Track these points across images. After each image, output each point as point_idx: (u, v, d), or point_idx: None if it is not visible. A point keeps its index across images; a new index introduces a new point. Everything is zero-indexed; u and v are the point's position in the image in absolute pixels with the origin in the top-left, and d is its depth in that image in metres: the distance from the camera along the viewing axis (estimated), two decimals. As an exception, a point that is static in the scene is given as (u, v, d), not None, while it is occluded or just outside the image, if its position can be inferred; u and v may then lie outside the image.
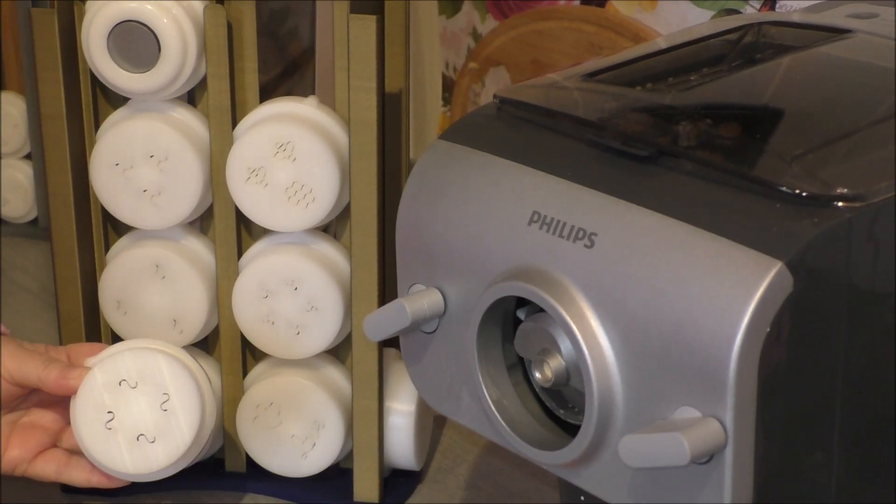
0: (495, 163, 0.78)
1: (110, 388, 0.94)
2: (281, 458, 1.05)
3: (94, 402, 0.94)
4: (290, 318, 1.02)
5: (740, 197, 0.69)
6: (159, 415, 0.94)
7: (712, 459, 0.67)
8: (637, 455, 0.68)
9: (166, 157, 1.00)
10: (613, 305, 0.71)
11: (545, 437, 0.77)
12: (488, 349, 0.77)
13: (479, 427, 0.80)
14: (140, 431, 0.94)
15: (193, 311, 1.03)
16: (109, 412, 0.94)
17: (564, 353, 0.73)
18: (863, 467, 0.72)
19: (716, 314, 0.66)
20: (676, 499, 0.69)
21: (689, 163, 0.72)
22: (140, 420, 0.94)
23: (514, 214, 0.75)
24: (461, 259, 0.78)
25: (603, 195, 0.72)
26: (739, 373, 0.66)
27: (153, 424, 0.94)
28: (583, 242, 0.72)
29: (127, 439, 0.94)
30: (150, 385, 0.94)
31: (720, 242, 0.67)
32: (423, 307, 0.79)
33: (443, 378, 0.81)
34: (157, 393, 0.94)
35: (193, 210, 1.02)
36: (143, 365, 0.95)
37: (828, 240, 0.67)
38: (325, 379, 1.05)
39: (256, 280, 1.02)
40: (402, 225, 0.81)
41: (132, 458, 0.94)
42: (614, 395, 0.71)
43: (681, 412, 0.68)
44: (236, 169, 0.99)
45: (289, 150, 0.98)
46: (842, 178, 0.69)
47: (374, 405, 1.03)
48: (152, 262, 1.03)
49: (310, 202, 0.99)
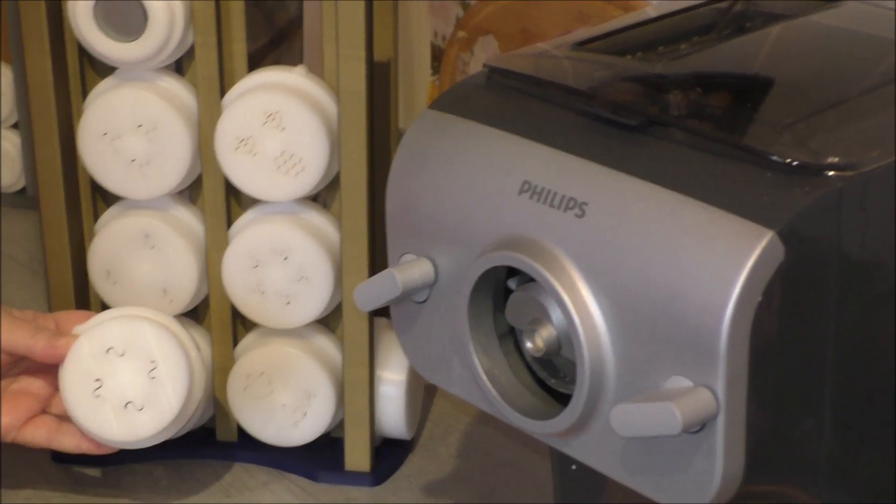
0: (485, 132, 0.77)
1: (98, 356, 0.94)
2: (272, 428, 1.05)
3: (81, 370, 0.94)
4: (280, 287, 1.02)
5: (731, 166, 0.69)
6: (147, 382, 0.94)
7: (704, 428, 0.68)
8: (629, 424, 0.68)
9: (154, 127, 1.00)
10: (604, 275, 0.71)
11: (536, 406, 0.77)
12: (479, 319, 0.77)
13: (471, 396, 0.80)
14: (128, 399, 0.94)
15: (183, 280, 1.03)
16: (97, 380, 0.94)
17: (555, 322, 0.73)
18: (854, 436, 0.72)
19: (707, 283, 0.66)
20: (668, 467, 0.70)
21: (680, 132, 0.72)
22: (127, 388, 0.94)
23: (504, 184, 0.75)
24: (451, 229, 0.78)
25: (593, 164, 0.72)
26: (731, 342, 0.66)
27: (141, 392, 0.94)
28: (573, 212, 0.72)
29: (114, 407, 0.94)
30: (137, 353, 0.94)
31: (711, 211, 0.67)
32: (413, 277, 0.79)
33: (434, 348, 0.81)
34: (145, 361, 0.94)
35: (182, 180, 1.02)
36: (130, 333, 0.95)
37: (819, 209, 0.67)
38: (316, 348, 1.05)
39: (246, 250, 1.01)
40: (392, 194, 0.81)
41: (120, 426, 0.94)
42: (605, 364, 0.71)
43: (672, 381, 0.68)
44: (225, 139, 0.99)
45: (278, 120, 0.98)
46: (833, 147, 0.69)
47: (364, 374, 1.03)
48: (141, 232, 1.03)
49: (299, 172, 0.99)
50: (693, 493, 0.69)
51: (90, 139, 1.01)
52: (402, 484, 1.06)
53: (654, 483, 0.71)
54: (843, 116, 0.72)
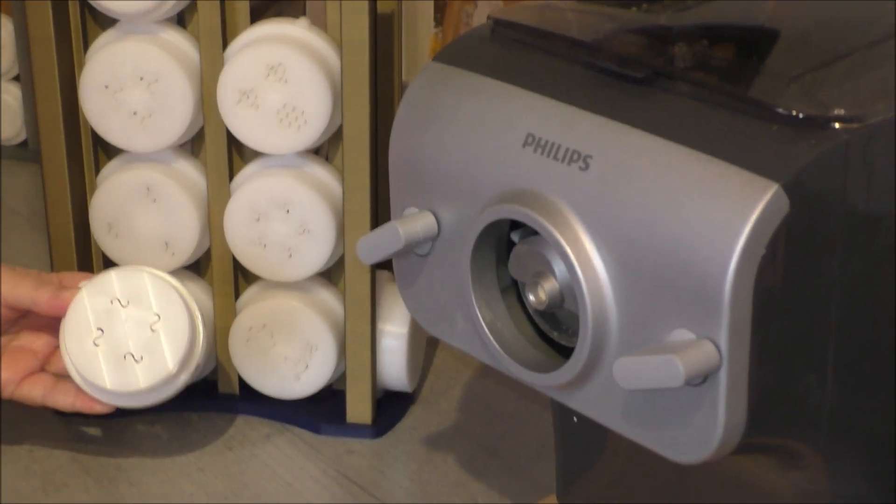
0: (489, 85, 0.77)
1: (100, 306, 0.94)
2: (274, 380, 1.06)
3: (83, 320, 0.94)
4: (282, 240, 1.01)
5: (737, 119, 0.69)
6: (148, 335, 0.94)
7: (706, 381, 0.68)
8: (631, 377, 0.68)
9: (156, 80, 1.00)
10: (608, 228, 0.71)
11: (538, 359, 0.77)
12: (482, 272, 0.77)
13: (473, 349, 0.80)
14: (127, 350, 0.94)
15: (185, 233, 1.03)
16: (98, 329, 0.94)
17: (558, 275, 0.73)
18: (856, 389, 0.72)
19: (711, 236, 0.66)
20: (670, 420, 0.70)
21: (685, 84, 0.72)
22: (127, 339, 0.94)
23: (508, 137, 0.75)
24: (455, 182, 0.78)
25: (598, 117, 0.72)
26: (734, 295, 0.66)
27: (142, 344, 0.94)
28: (577, 165, 0.72)
29: (113, 357, 0.94)
30: (140, 305, 0.95)
31: (716, 164, 0.67)
32: (416, 230, 0.79)
33: (436, 301, 0.81)
34: (148, 313, 0.94)
35: (184, 133, 1.01)
36: (133, 286, 0.95)
37: (825, 162, 0.66)
38: (318, 301, 1.05)
39: (248, 203, 1.01)
40: (395, 147, 0.81)
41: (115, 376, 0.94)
42: (608, 317, 0.71)
43: (675, 334, 0.68)
44: (227, 91, 0.99)
45: (280, 73, 0.97)
46: (839, 100, 0.69)
47: (366, 327, 1.03)
48: (143, 185, 1.03)
49: (301, 124, 0.98)
50: (695, 446, 0.69)
51: (91, 92, 1.01)
52: (404, 436, 1.07)
53: (655, 435, 0.71)
54: (850, 69, 0.72)
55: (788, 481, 0.77)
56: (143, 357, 0.94)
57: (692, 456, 0.70)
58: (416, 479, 1.02)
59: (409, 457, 1.04)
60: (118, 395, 0.95)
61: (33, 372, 0.98)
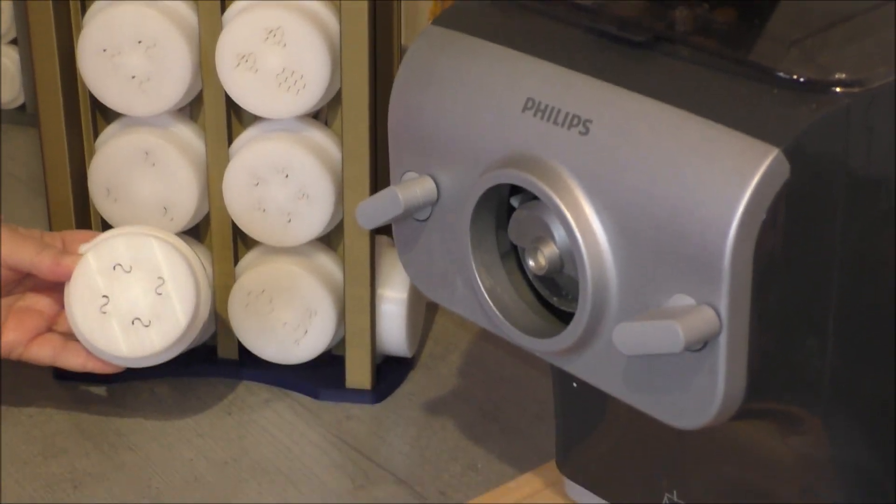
0: (489, 49, 0.77)
1: (105, 272, 0.94)
2: (273, 345, 1.06)
3: (88, 287, 0.94)
4: (281, 205, 1.01)
5: (737, 83, 0.68)
6: (154, 298, 0.94)
7: (706, 346, 0.68)
8: (631, 342, 0.68)
9: (154, 44, 0.99)
10: (608, 192, 0.70)
11: (539, 324, 0.77)
12: (482, 237, 0.77)
13: (472, 315, 0.80)
14: (135, 315, 0.94)
15: (184, 198, 1.03)
16: (104, 296, 0.94)
17: (558, 240, 0.73)
18: (857, 353, 0.72)
19: (711, 201, 0.66)
20: (670, 385, 0.70)
21: (686, 48, 0.71)
22: (135, 304, 0.94)
23: (507, 101, 0.74)
24: (454, 146, 0.77)
25: (598, 81, 0.72)
26: (734, 260, 0.66)
27: (148, 308, 0.94)
28: (577, 129, 0.71)
29: (122, 323, 0.94)
30: (144, 269, 0.94)
31: (716, 129, 0.67)
32: (415, 195, 0.79)
33: (436, 266, 0.81)
34: (152, 277, 0.94)
35: (183, 97, 1.01)
36: (137, 249, 0.95)
37: (825, 126, 0.66)
38: (317, 266, 1.04)
39: (247, 167, 1.01)
40: (395, 112, 0.81)
41: (127, 342, 0.94)
42: (608, 282, 0.71)
43: (675, 300, 0.68)
44: (226, 55, 0.98)
45: (279, 36, 0.97)
46: (840, 63, 0.68)
47: (366, 292, 1.03)
48: (142, 150, 1.02)
49: (300, 88, 0.98)
50: (694, 411, 0.69)
51: (90, 55, 1.00)
52: (403, 401, 1.07)
53: (655, 401, 0.71)
54: (851, 33, 0.72)
55: (788, 447, 0.77)
56: (151, 321, 0.94)
57: (692, 421, 0.70)
58: (415, 445, 1.02)
59: (408, 422, 1.05)
60: (128, 358, 0.95)
61: (41, 332, 0.98)
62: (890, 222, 0.70)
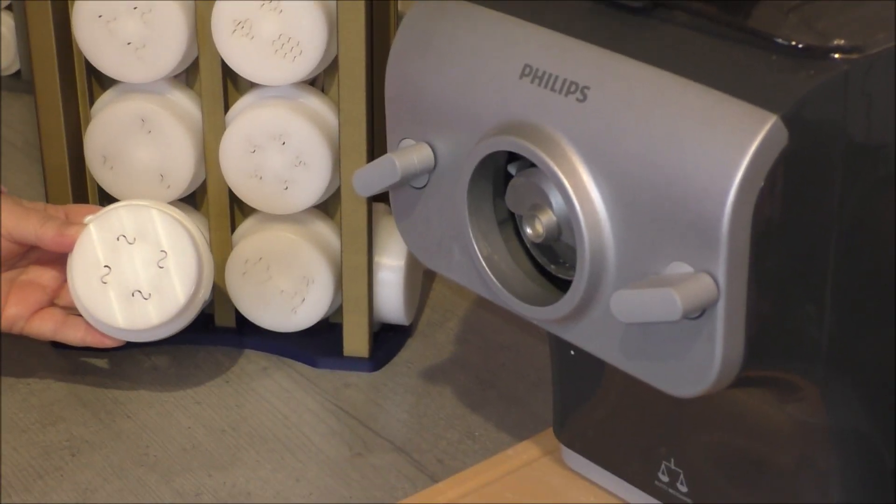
0: (486, 15, 0.76)
1: (108, 242, 0.94)
2: (270, 313, 1.05)
3: (90, 257, 0.94)
4: (277, 172, 1.01)
5: (735, 49, 0.68)
6: (156, 272, 0.94)
7: (704, 314, 0.67)
8: (629, 310, 0.68)
9: (150, 9, 0.99)
10: (606, 160, 0.70)
11: (536, 292, 0.77)
12: (479, 205, 0.77)
13: (470, 283, 0.79)
14: (135, 287, 0.94)
15: (180, 165, 1.03)
16: (106, 266, 0.94)
17: (556, 208, 0.73)
18: (855, 320, 0.72)
19: (709, 168, 0.66)
20: (668, 353, 0.69)
21: (684, 14, 0.71)
22: (135, 276, 0.94)
23: (505, 68, 0.74)
24: (451, 113, 0.77)
25: (596, 48, 0.71)
26: (732, 228, 0.65)
27: (149, 281, 0.94)
28: (575, 96, 0.71)
29: (121, 295, 0.94)
30: (147, 242, 0.94)
31: (714, 95, 0.66)
32: (412, 162, 0.79)
33: (433, 234, 0.81)
34: (155, 250, 0.94)
35: (179, 63, 1.00)
36: (140, 222, 0.95)
37: (824, 92, 0.66)
38: (314, 234, 1.04)
39: (243, 134, 1.01)
40: (392, 79, 0.80)
41: (125, 314, 0.94)
42: (606, 250, 0.71)
43: (673, 267, 0.68)
44: (222, 21, 0.98)
45: (275, 2, 0.96)
46: (838, 30, 0.68)
47: (363, 260, 1.03)
48: (138, 117, 1.02)
49: (297, 55, 0.98)
50: (692, 379, 0.69)
51: (85, 21, 1.00)
52: (401, 369, 1.07)
53: (653, 369, 0.71)
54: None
55: (785, 414, 0.77)
56: (151, 294, 0.94)
57: (689, 389, 0.70)
58: (413, 412, 1.02)
59: (406, 390, 1.05)
60: (128, 330, 0.95)
61: (43, 306, 0.98)
62: (888, 189, 0.70)
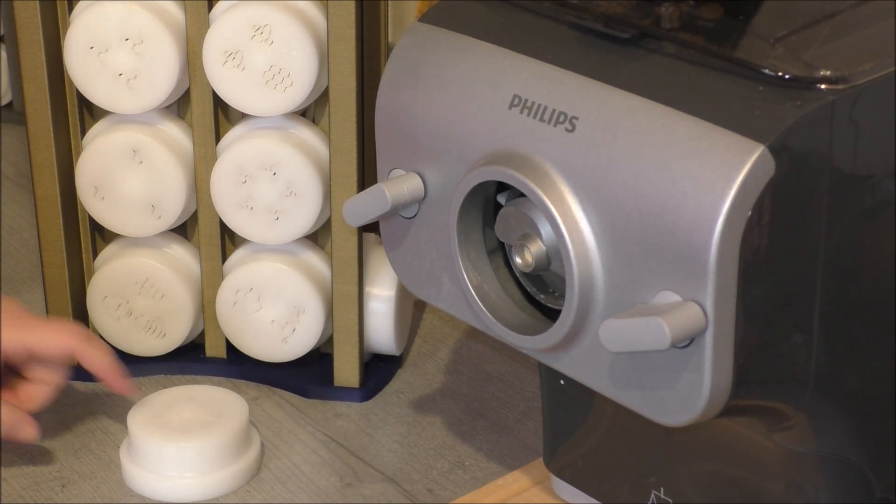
0: (476, 46, 0.77)
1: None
2: (261, 343, 1.05)
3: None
4: (268, 203, 1.01)
5: (723, 79, 0.69)
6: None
7: (692, 343, 0.68)
8: (617, 339, 0.68)
9: (142, 41, 0.99)
10: (594, 189, 0.70)
11: (526, 321, 0.77)
12: (469, 234, 0.77)
13: (460, 312, 0.80)
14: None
15: (171, 196, 1.03)
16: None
17: (545, 237, 0.73)
18: (842, 349, 0.72)
19: (697, 198, 0.66)
20: (657, 382, 0.70)
21: (672, 45, 0.71)
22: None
23: (494, 98, 0.74)
24: (441, 143, 0.77)
25: (584, 78, 0.72)
26: (720, 257, 0.66)
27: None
28: (564, 126, 0.71)
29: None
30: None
31: (702, 126, 0.67)
32: (403, 192, 0.79)
33: (423, 263, 0.81)
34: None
35: (170, 94, 1.01)
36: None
37: (810, 122, 0.66)
38: (305, 264, 1.04)
39: (234, 165, 1.01)
40: (382, 109, 0.81)
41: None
42: (595, 279, 0.71)
43: (661, 296, 0.68)
44: (213, 52, 0.98)
45: (266, 33, 0.97)
46: (825, 60, 0.68)
47: (353, 290, 1.03)
48: (129, 148, 1.02)
49: (288, 86, 0.98)
50: (681, 408, 0.69)
51: (77, 53, 1.00)
52: (392, 399, 1.07)
53: (642, 398, 0.71)
54: (836, 29, 0.72)
55: (774, 442, 0.77)
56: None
57: (678, 418, 0.70)
58: (403, 442, 1.02)
59: (396, 419, 1.05)
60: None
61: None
62: (875, 218, 0.71)
